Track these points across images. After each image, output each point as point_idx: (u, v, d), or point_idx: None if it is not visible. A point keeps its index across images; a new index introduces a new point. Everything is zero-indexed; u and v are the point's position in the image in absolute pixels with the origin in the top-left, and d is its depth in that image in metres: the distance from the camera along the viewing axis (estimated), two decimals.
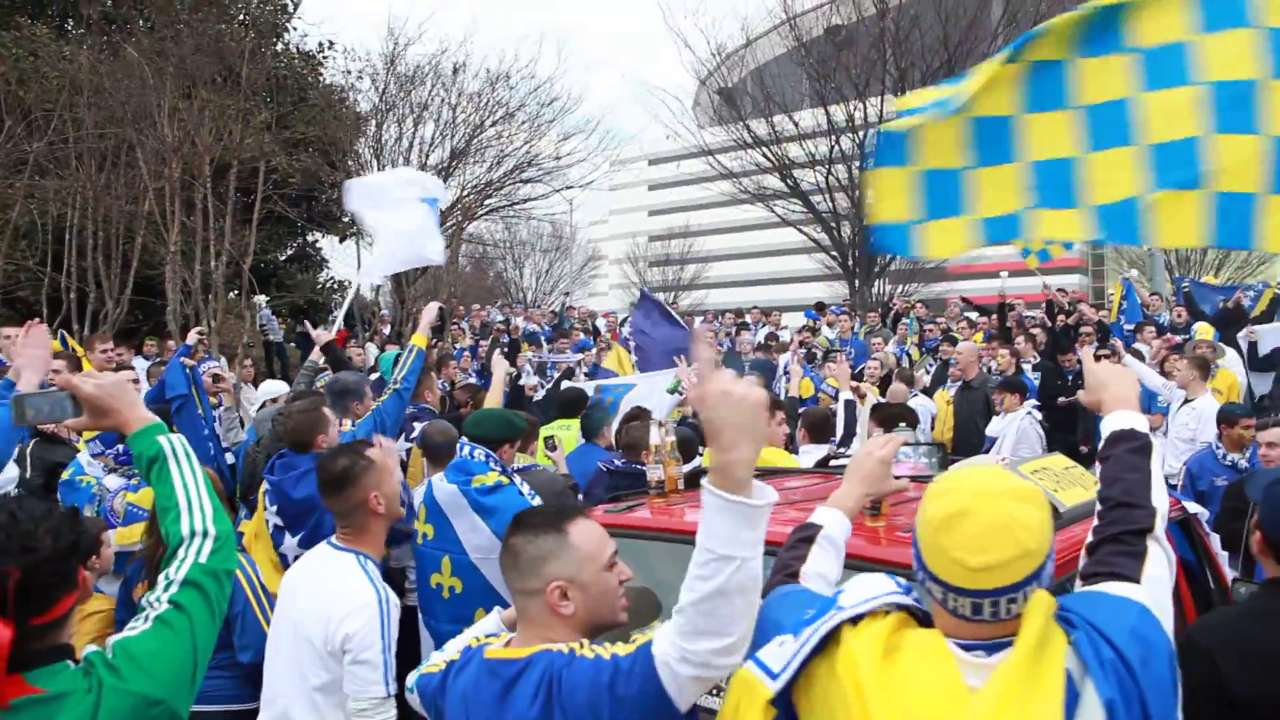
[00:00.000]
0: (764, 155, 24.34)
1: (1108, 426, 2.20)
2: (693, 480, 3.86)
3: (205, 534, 2.19)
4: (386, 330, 16.45)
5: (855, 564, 2.78)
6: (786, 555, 2.22)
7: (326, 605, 2.97)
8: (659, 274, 48.54)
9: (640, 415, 5.68)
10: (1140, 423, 2.17)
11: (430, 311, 5.94)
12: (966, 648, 1.74)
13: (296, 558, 4.08)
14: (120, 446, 5.34)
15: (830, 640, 1.82)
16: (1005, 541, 1.70)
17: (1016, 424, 8.38)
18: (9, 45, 14.62)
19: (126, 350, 9.59)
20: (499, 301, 27.12)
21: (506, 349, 12.42)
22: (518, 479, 4.34)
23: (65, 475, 5.35)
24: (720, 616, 1.80)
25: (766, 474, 4.41)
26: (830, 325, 15.87)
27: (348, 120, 17.74)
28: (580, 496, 5.39)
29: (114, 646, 1.96)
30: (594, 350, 12.77)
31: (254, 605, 3.77)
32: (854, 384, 7.69)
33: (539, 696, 1.99)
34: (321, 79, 19.14)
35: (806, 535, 2.26)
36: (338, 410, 5.26)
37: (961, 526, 1.73)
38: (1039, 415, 8.79)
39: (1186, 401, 8.35)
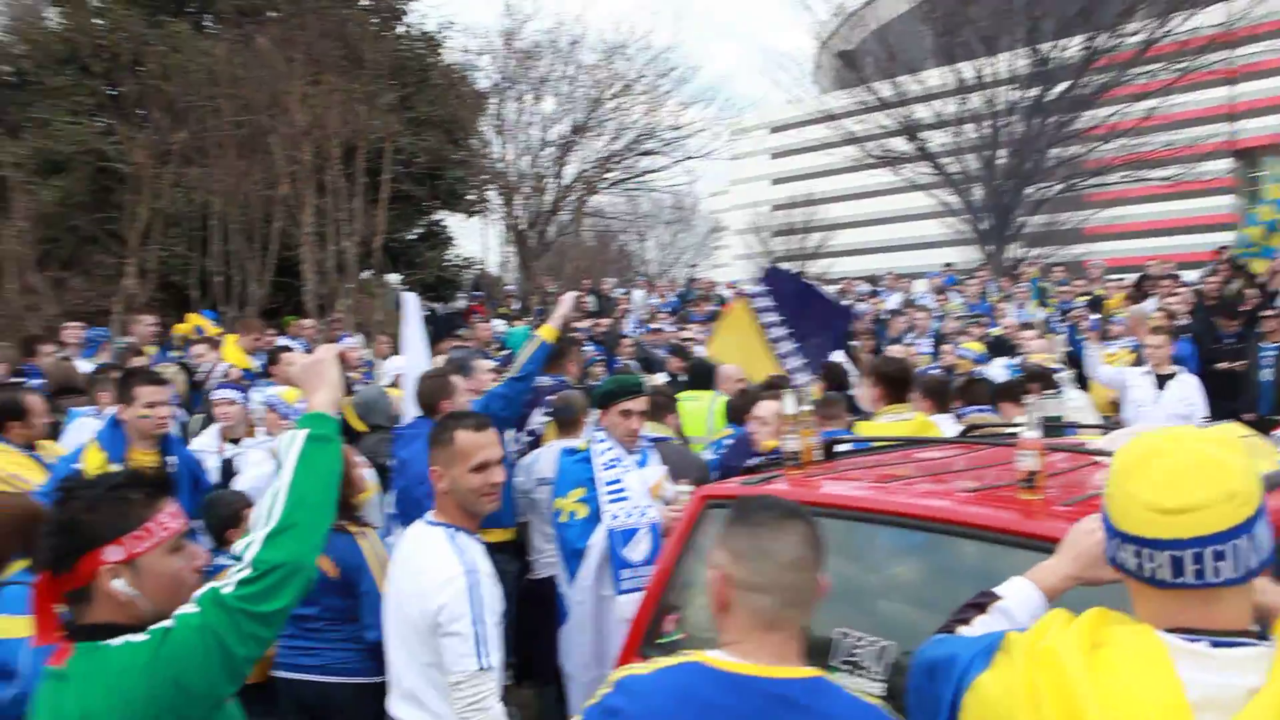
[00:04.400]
0: (890, 117, 23.57)
1: None
2: (829, 450, 3.70)
3: (242, 562, 1.92)
4: (515, 306, 16.67)
5: (1009, 540, 2.62)
6: (951, 619, 1.96)
7: (419, 583, 2.98)
8: (783, 243, 47.85)
9: (777, 384, 5.52)
10: None
11: (566, 302, 5.79)
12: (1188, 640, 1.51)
13: None
14: None
15: (998, 650, 1.65)
16: (1203, 480, 1.48)
17: None
18: (154, 43, 15.36)
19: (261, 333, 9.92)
20: (628, 275, 27.21)
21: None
22: (599, 447, 4.28)
23: None
24: None
25: (906, 444, 4.23)
26: (953, 291, 15.34)
27: (469, 98, 17.97)
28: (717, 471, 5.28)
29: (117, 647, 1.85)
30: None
31: (380, 586, 3.81)
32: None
33: None
34: (441, 59, 19.44)
35: (979, 602, 1.97)
36: None
37: (1153, 467, 1.53)
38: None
39: (1169, 378, 7.82)
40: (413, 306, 6.17)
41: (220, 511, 4.32)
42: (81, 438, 5.21)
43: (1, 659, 2.99)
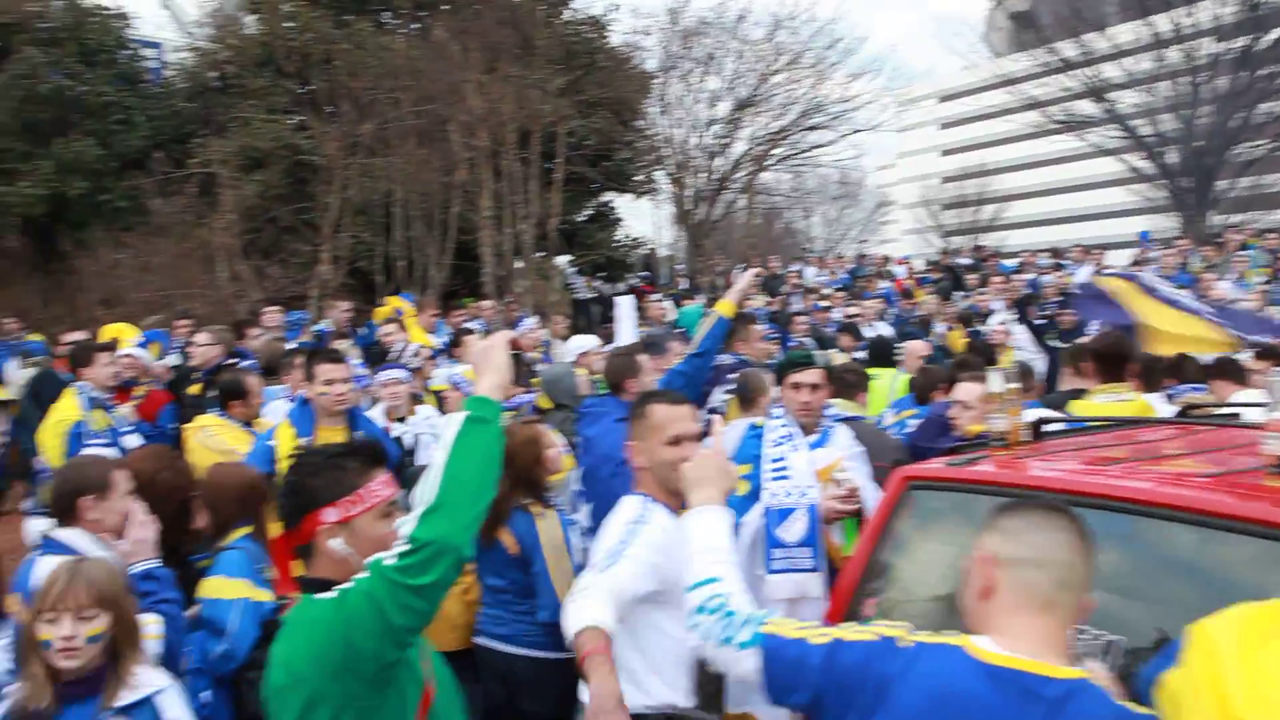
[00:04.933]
0: (1073, 79, 22.16)
1: None
2: (1037, 430, 3.51)
3: (403, 538, 1.96)
4: (683, 285, 16.73)
5: (1258, 531, 2.39)
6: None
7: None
8: (954, 216, 46.10)
9: (969, 364, 5.28)
10: None
11: (744, 278, 5.65)
12: None
13: None
14: None
15: (1184, 647, 1.59)
16: None
17: None
18: (339, 41, 16.19)
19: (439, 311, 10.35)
20: (794, 253, 26.83)
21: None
22: (772, 423, 4.16)
23: None
24: None
25: (1118, 424, 3.96)
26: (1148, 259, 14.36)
27: (636, 79, 18.09)
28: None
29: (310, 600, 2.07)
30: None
31: (551, 568, 3.87)
32: None
33: None
34: (608, 40, 19.64)
35: None
36: None
37: None
38: None
39: None
40: (627, 307, 6.26)
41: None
42: (277, 416, 5.53)
43: (214, 617, 3.24)
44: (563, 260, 13.50)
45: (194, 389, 7.20)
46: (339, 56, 15.66)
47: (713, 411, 5.94)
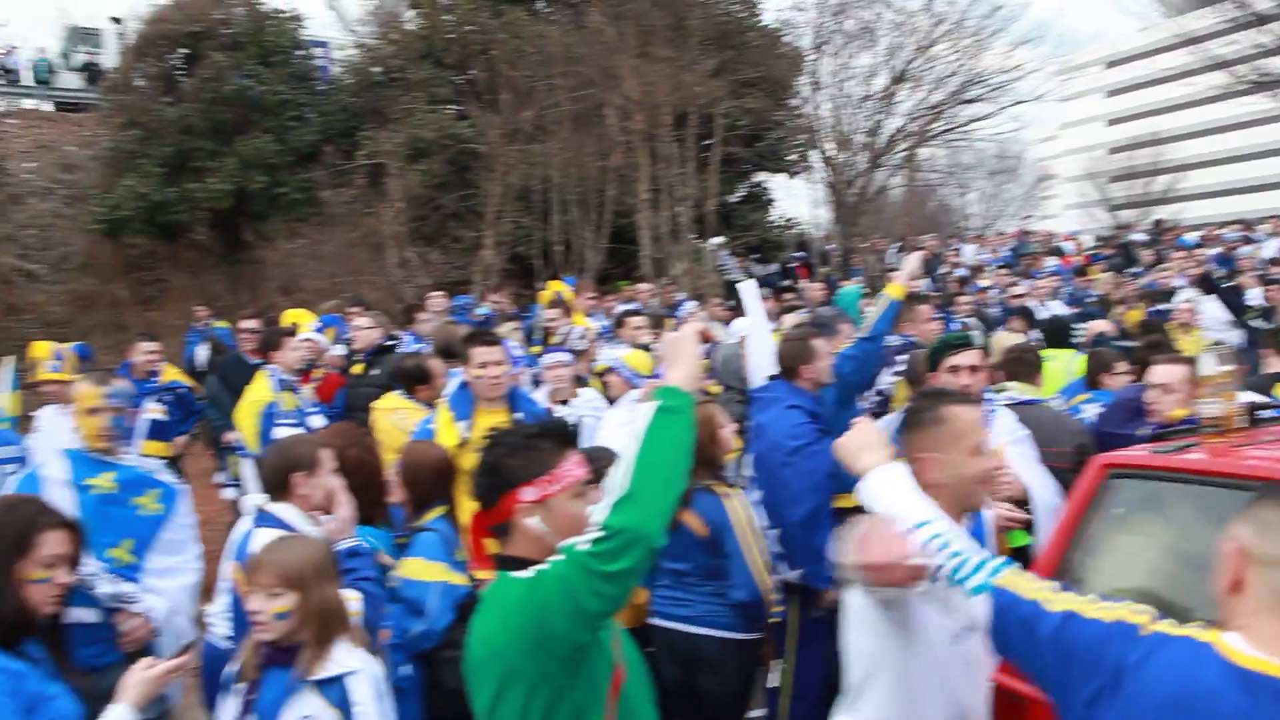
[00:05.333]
0: (1266, 34, 20.38)
1: None
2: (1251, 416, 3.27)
3: (596, 525, 1.98)
4: (838, 264, 16.43)
5: None
6: None
7: None
8: (1122, 189, 43.53)
9: (1162, 345, 4.98)
10: None
11: (912, 260, 5.57)
12: None
13: None
14: None
15: None
16: None
17: None
18: (497, 31, 16.56)
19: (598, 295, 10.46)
20: (949, 231, 25.91)
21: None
22: None
23: None
24: None
25: None
26: None
27: (789, 56, 17.81)
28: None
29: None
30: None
31: (744, 547, 3.86)
32: None
33: None
34: (759, 19, 19.41)
35: None
36: None
37: None
38: None
39: None
40: (752, 291, 6.19)
41: (599, 467, 4.54)
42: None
43: (413, 597, 3.35)
44: (715, 242, 13.48)
45: (356, 369, 7.56)
46: (497, 46, 16.02)
47: (880, 394, 5.82)
